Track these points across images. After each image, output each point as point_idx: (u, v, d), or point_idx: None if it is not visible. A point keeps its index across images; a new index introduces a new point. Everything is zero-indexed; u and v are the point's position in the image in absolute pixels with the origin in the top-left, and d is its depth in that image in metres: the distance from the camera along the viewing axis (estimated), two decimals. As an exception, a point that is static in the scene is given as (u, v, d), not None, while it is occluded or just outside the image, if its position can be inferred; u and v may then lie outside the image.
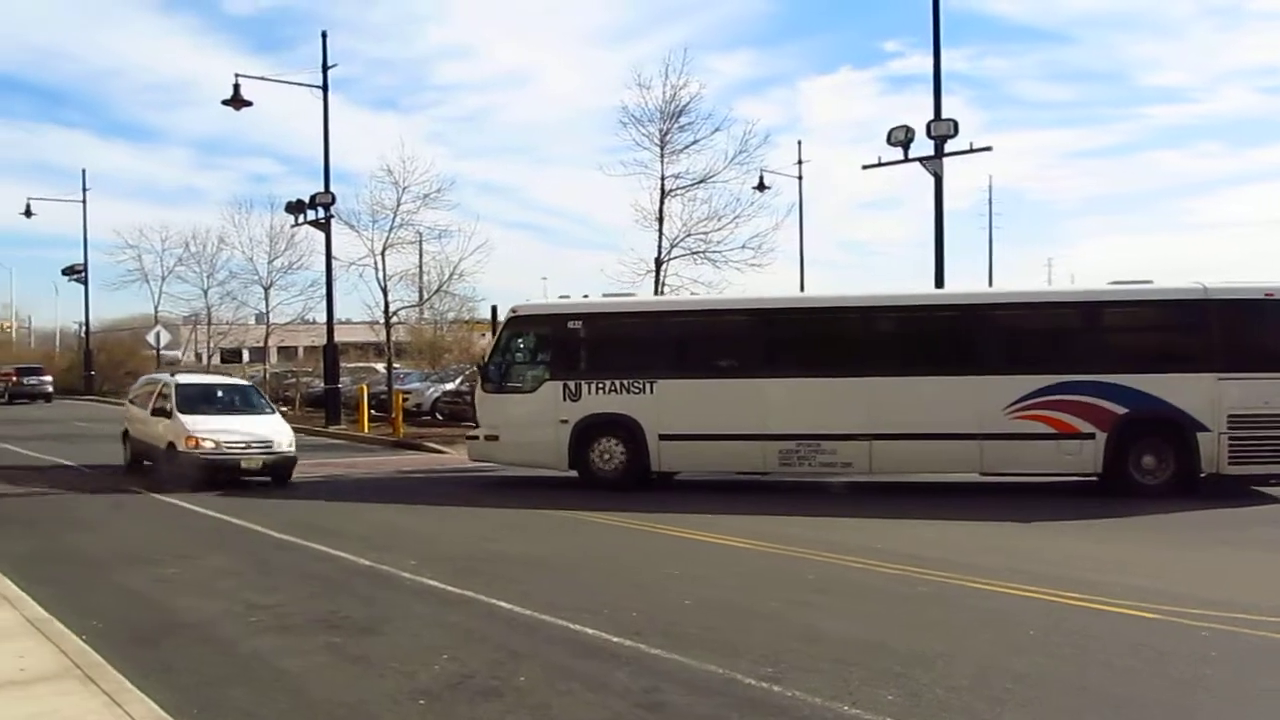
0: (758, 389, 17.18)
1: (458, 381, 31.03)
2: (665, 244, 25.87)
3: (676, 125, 26.14)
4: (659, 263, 25.68)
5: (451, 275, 36.96)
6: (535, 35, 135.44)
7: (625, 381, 17.55)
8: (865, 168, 23.59)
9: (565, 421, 17.61)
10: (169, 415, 18.23)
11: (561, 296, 19.90)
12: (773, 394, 17.12)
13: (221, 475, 17.30)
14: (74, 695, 6.10)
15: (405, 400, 29.56)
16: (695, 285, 25.59)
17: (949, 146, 21.66)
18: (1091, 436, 16.00)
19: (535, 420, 17.62)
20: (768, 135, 38.48)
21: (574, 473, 17.71)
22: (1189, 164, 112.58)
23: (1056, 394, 16.12)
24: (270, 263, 45.06)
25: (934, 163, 21.74)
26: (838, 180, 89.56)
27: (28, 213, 53.11)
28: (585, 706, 6.45)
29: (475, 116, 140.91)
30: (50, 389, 50.20)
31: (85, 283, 54.76)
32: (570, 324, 18.36)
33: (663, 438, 17.32)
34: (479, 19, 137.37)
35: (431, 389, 33.83)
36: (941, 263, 21.70)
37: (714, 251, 26.11)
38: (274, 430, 18.46)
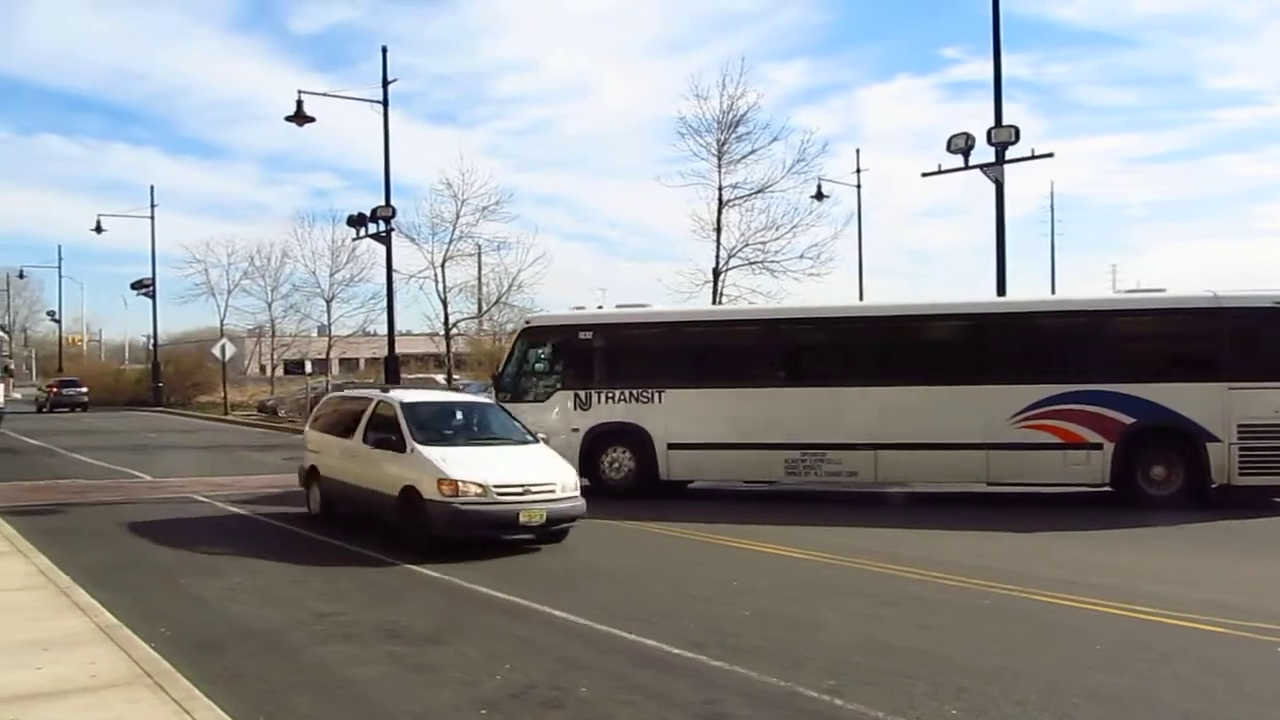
0: (764, 399, 17.42)
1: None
2: (723, 254, 25.85)
3: (734, 135, 26.18)
4: (717, 273, 25.66)
5: (510, 287, 37.35)
6: (593, 48, 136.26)
7: (634, 391, 17.87)
8: (925, 175, 23.42)
9: (576, 430, 17.93)
10: (400, 448, 13.01)
11: (576, 308, 19.99)
12: (779, 404, 17.34)
13: (490, 532, 12.26)
14: (143, 702, 6.19)
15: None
16: (753, 295, 25.58)
17: (1010, 153, 21.41)
18: (1099, 447, 15.84)
19: (548, 429, 17.31)
20: (826, 144, 38.28)
21: (585, 481, 17.10)
22: (1258, 168, 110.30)
23: (1063, 404, 16.01)
24: (332, 276, 45.79)
25: (995, 170, 21.48)
26: (897, 188, 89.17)
27: (98, 229, 54.39)
28: (646, 718, 6.43)
29: (534, 129, 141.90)
30: (86, 399, 53.78)
31: (153, 297, 55.89)
32: (581, 335, 18.68)
33: (671, 447, 17.63)
34: (537, 32, 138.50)
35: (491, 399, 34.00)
36: (1003, 270, 21.43)
37: (772, 261, 26.10)
38: (549, 468, 13.17)
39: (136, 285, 56.40)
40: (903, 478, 17.46)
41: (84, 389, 54.93)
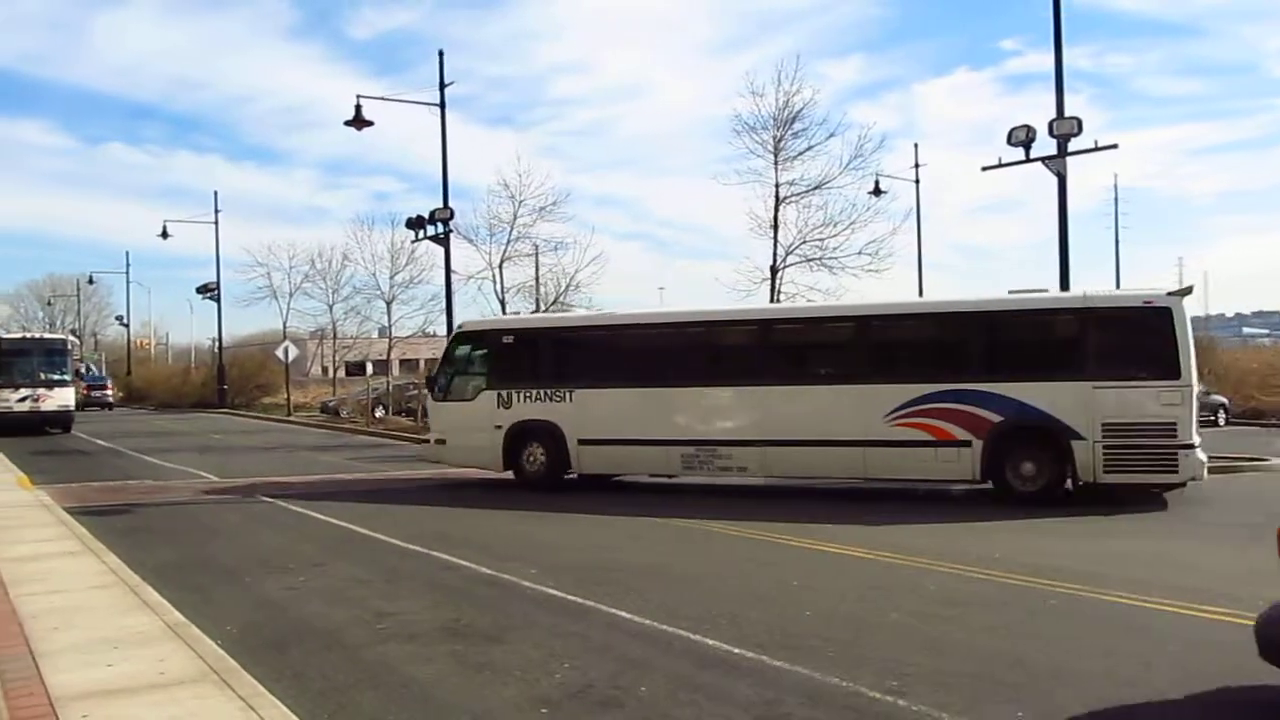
0: (661, 398, 18.54)
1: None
2: (780, 251, 25.69)
3: (790, 132, 26.03)
4: (774, 270, 25.52)
5: (568, 287, 37.47)
6: (648, 48, 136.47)
7: (548, 391, 19.17)
8: (985, 169, 23.08)
9: (499, 427, 19.38)
10: None
11: (512, 314, 21.87)
12: (675, 402, 18.47)
13: None
14: (211, 699, 6.28)
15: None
16: (811, 293, 25.39)
17: (1072, 145, 20.99)
18: (968, 444, 16.28)
19: (475, 426, 19.47)
20: (883, 139, 38.00)
21: (509, 474, 19.53)
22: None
23: (934, 402, 16.51)
24: (392, 278, 46.25)
25: (1057, 162, 21.11)
26: (954, 183, 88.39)
27: (164, 234, 55.55)
28: (707, 718, 6.40)
29: (589, 130, 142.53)
30: (111, 400, 60.90)
31: (218, 300, 56.82)
32: (504, 339, 20.35)
33: (581, 442, 18.85)
34: (592, 35, 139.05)
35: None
36: (1066, 264, 21.04)
37: (830, 258, 25.89)
38: None
39: (202, 289, 57.39)
40: (788, 473, 18.29)
41: (109, 391, 62.17)
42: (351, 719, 6.49)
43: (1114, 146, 21.46)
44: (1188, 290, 16.15)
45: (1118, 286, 38.71)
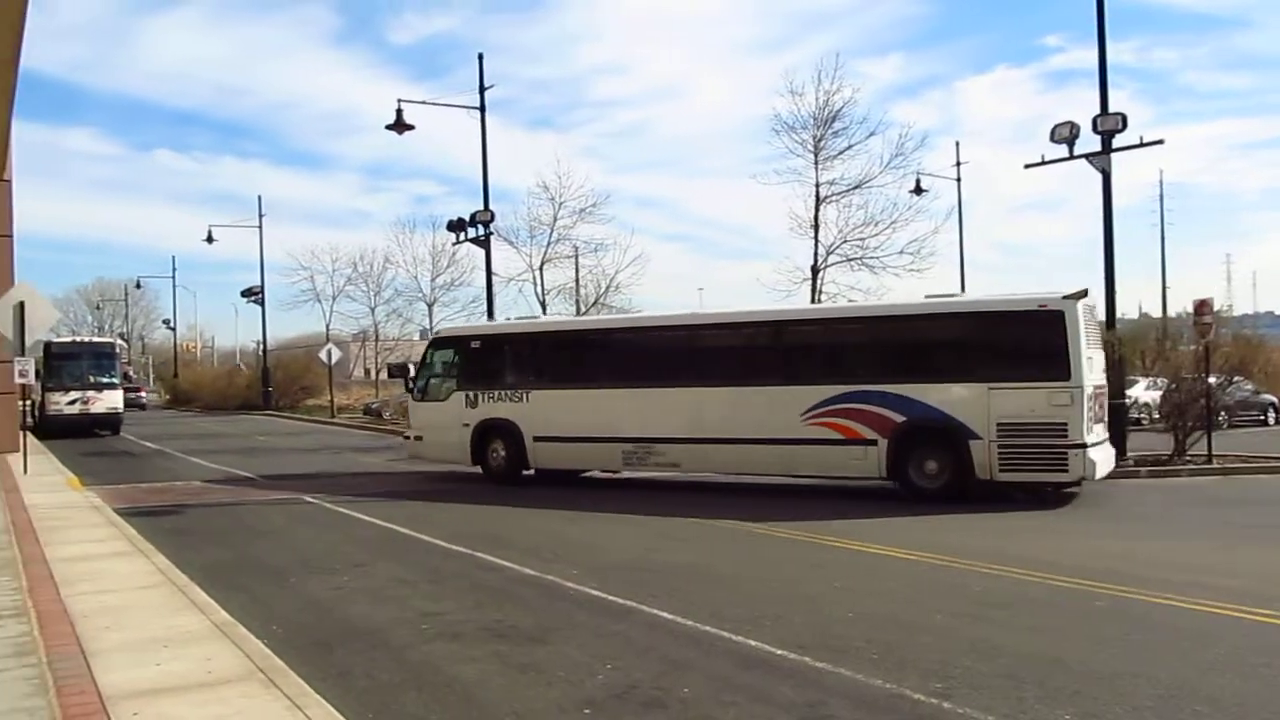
0: (605, 398, 19.80)
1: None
2: (821, 251, 25.57)
3: (830, 131, 25.93)
4: (815, 270, 25.41)
5: (608, 288, 37.63)
6: (685, 49, 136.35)
7: (508, 392, 20.79)
8: (1028, 166, 22.85)
9: (467, 425, 21.06)
10: None
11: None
12: (615, 402, 19.65)
13: None
14: (258, 698, 6.35)
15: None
16: (852, 292, 25.27)
17: (1117, 141, 20.74)
18: (874, 443, 17.00)
19: (448, 424, 21.31)
20: (925, 138, 37.83)
21: (478, 469, 21.21)
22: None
23: (843, 403, 17.29)
24: (433, 280, 46.75)
25: (1101, 159, 20.85)
26: (996, 181, 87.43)
27: (209, 239, 56.34)
28: (750, 720, 6.38)
29: (628, 132, 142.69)
30: (144, 401, 66.09)
31: (262, 303, 57.51)
32: (472, 344, 21.91)
33: (535, 439, 20.38)
34: (631, 36, 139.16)
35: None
36: (1111, 262, 20.81)
37: (871, 257, 25.75)
38: None
39: (246, 293, 58.10)
40: (717, 469, 19.30)
41: (143, 393, 69.33)
42: (396, 719, 6.53)
43: (1159, 142, 21.17)
44: (1082, 293, 16.24)
45: (1164, 285, 38.22)
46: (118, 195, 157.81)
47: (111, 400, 38.07)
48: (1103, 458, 16.51)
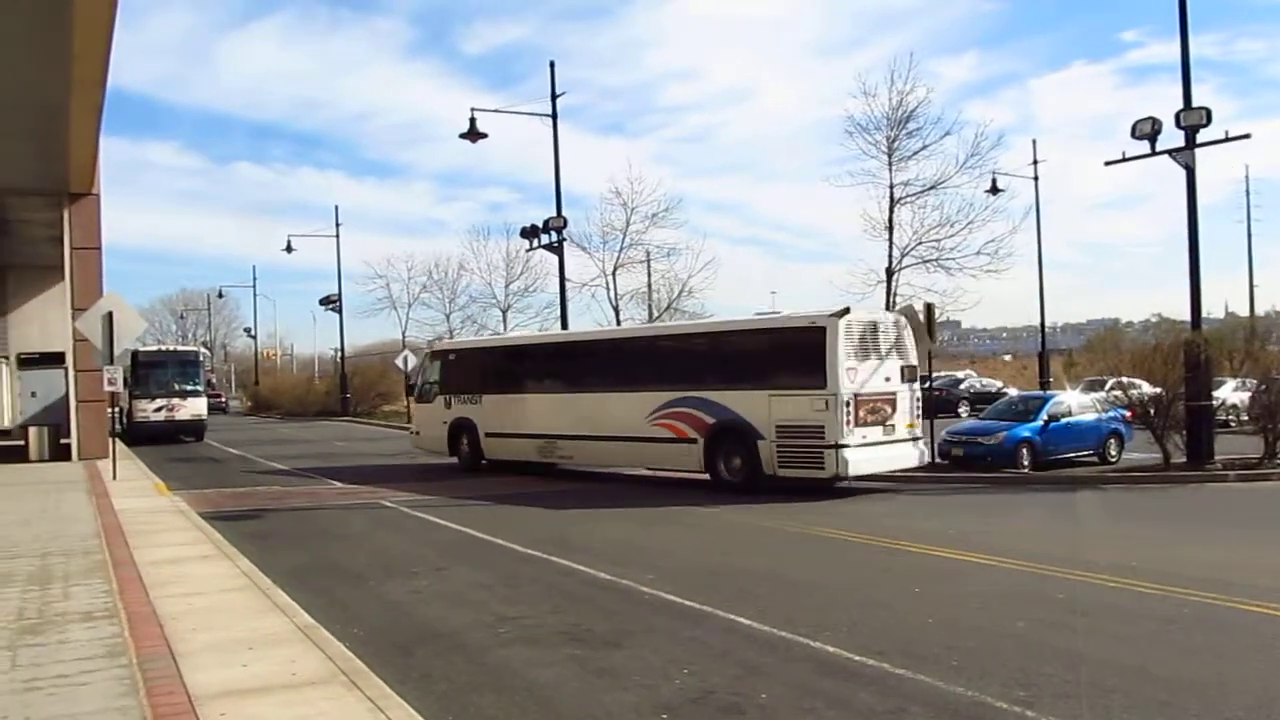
0: (524, 402, 23.84)
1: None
2: (896, 253, 25.26)
3: (904, 132, 25.52)
4: (890, 273, 25.09)
5: (680, 292, 37.64)
6: (754, 52, 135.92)
7: (470, 396, 25.05)
8: (1108, 164, 22.32)
9: (445, 423, 25.52)
10: None
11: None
12: (530, 406, 23.64)
13: None
14: (341, 700, 6.44)
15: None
16: (928, 294, 24.84)
17: (1201, 136, 20.16)
18: (695, 441, 19.88)
19: (434, 422, 26.03)
20: (1001, 137, 37.09)
21: (454, 459, 25.36)
22: None
23: (675, 407, 20.25)
24: (507, 286, 47.11)
25: (1185, 154, 20.28)
26: (1074, 180, 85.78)
27: (288, 248, 57.37)
28: (829, 726, 6.33)
29: (699, 136, 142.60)
30: (225, 404, 71.53)
31: (340, 311, 58.37)
32: (450, 356, 26.60)
33: (486, 435, 24.50)
34: (700, 40, 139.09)
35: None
36: (1196, 260, 20.22)
37: (947, 259, 25.35)
38: None
39: (324, 301, 59.03)
40: (597, 462, 22.81)
41: (222, 398, 75.88)
42: (475, 721, 6.59)
43: (1246, 136, 20.53)
44: (844, 311, 18.28)
45: (1251, 283, 37.21)
46: (200, 207, 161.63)
47: (195, 407, 38.98)
48: (867, 458, 18.22)
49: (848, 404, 17.70)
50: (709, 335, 21.48)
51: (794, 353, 18.63)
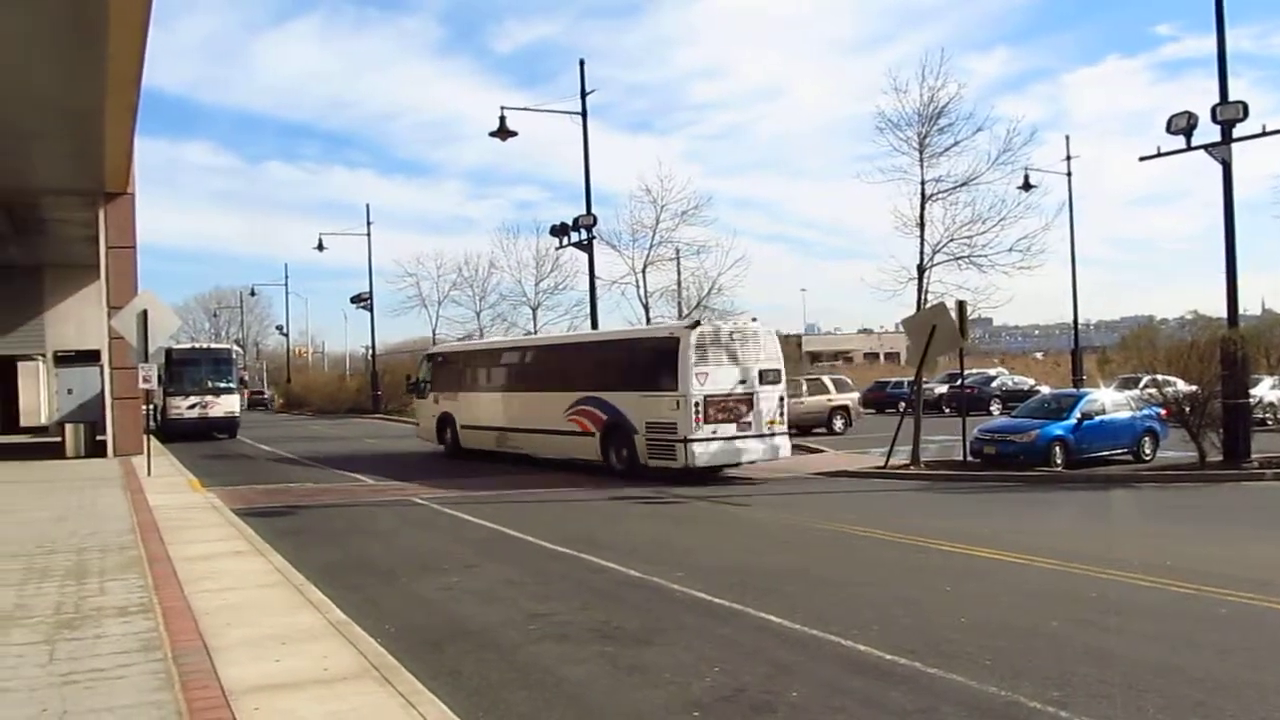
0: (485, 399, 27.60)
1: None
2: (927, 250, 25.08)
3: (935, 128, 25.27)
4: (921, 270, 24.91)
5: (710, 290, 37.46)
6: (783, 50, 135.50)
7: (450, 394, 28.96)
8: (1143, 159, 22.14)
9: (434, 417, 29.61)
10: None
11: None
12: (490, 402, 27.33)
13: None
14: (373, 695, 6.48)
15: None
16: (959, 291, 24.67)
17: (1237, 131, 19.91)
18: (594, 435, 22.85)
19: (428, 415, 30.27)
20: (1034, 132, 36.71)
21: (441, 447, 29.10)
22: None
23: (581, 405, 23.27)
24: (537, 284, 47.17)
25: (1221, 149, 20.05)
26: (1108, 175, 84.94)
27: (320, 246, 57.76)
28: (860, 725, 6.30)
29: (728, 133, 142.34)
30: (266, 401, 73.22)
31: (370, 309, 58.78)
32: (438, 359, 31.10)
33: (462, 427, 28.20)
34: (729, 38, 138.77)
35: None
36: (1233, 256, 19.98)
37: (979, 255, 25.12)
38: None
39: (355, 299, 59.44)
40: (537, 453, 25.26)
41: (265, 394, 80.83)
42: (508, 718, 6.61)
43: (1284, 130, 20.27)
44: (696, 323, 21.55)
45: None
46: (233, 206, 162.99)
47: (228, 404, 39.30)
48: (716, 451, 20.84)
49: (696, 404, 20.45)
50: (602, 343, 25.20)
51: (658, 359, 21.48)
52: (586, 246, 30.34)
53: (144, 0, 14.97)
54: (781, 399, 22.02)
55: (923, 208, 25.08)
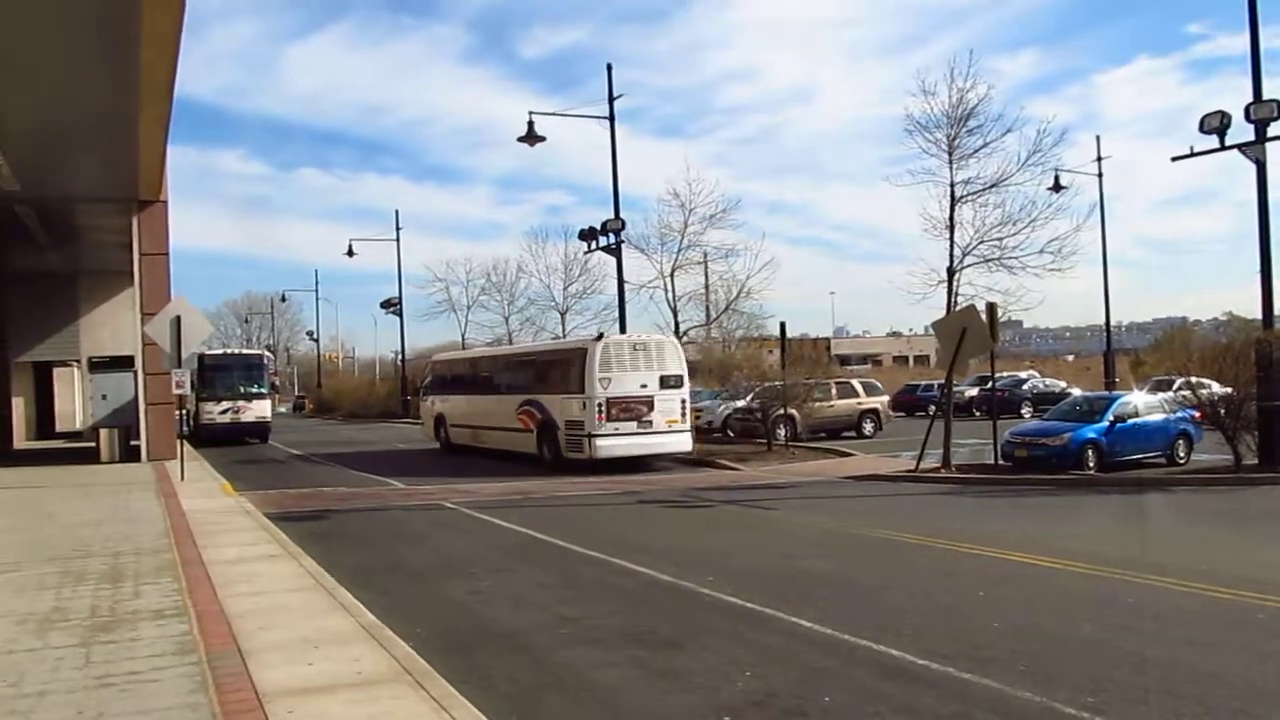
0: (465, 401, 31.39)
1: (748, 398, 31.00)
2: (957, 253, 24.94)
3: (965, 130, 25.16)
4: (951, 272, 24.79)
5: (739, 294, 37.60)
6: (813, 53, 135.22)
7: (443, 396, 33.18)
8: (1175, 159, 21.94)
9: (432, 417, 33.64)
10: None
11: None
12: (468, 403, 31.08)
13: None
14: (405, 699, 6.50)
15: (697, 418, 29.98)
16: (989, 294, 24.54)
17: (1272, 130, 19.68)
18: (532, 431, 26.33)
19: (428, 416, 34.38)
20: (1064, 133, 36.58)
21: (437, 444, 32.92)
22: None
23: (524, 406, 26.90)
24: (565, 289, 47.33)
25: (1255, 149, 19.81)
26: (1140, 176, 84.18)
27: (350, 252, 58.18)
28: (893, 730, 6.27)
29: (757, 137, 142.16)
30: (304, 403, 74.86)
31: (400, 314, 59.04)
32: (438, 367, 35.53)
33: (451, 426, 32.03)
34: (757, 42, 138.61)
35: (722, 406, 34.13)
36: (1267, 256, 19.71)
37: (1009, 258, 24.97)
38: None
39: (385, 304, 59.74)
40: (497, 445, 28.56)
41: (305, 397, 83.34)
42: (538, 721, 6.62)
43: (1319, 129, 19.99)
44: (600, 335, 25.40)
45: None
46: (266, 212, 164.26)
47: (260, 409, 39.60)
48: (618, 445, 24.04)
49: (600, 405, 23.84)
50: (541, 353, 29.20)
51: (572, 367, 24.75)
52: (615, 250, 30.38)
53: (177, 10, 15.11)
54: (684, 401, 25.24)
55: (952, 210, 24.97)
